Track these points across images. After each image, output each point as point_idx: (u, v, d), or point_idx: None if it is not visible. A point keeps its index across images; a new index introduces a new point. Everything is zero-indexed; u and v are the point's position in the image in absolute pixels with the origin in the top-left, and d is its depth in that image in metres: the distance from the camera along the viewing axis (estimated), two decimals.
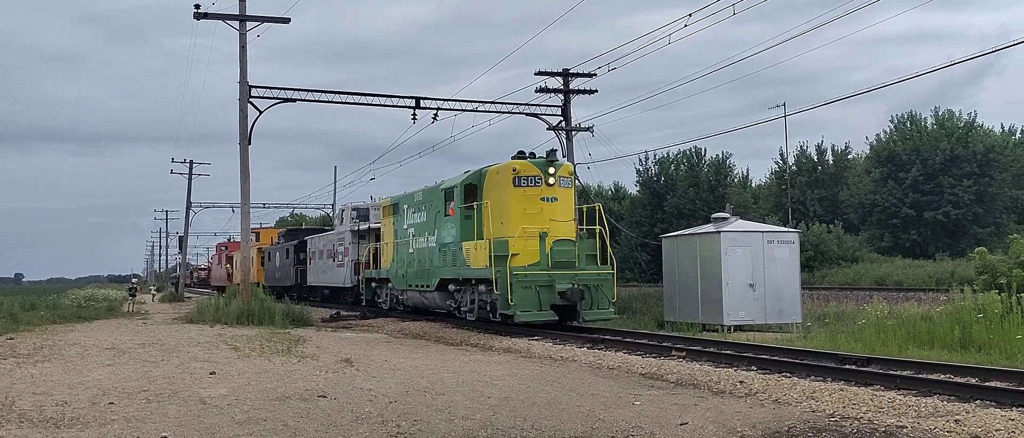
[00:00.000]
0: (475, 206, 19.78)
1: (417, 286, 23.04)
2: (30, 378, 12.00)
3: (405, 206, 24.68)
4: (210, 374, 12.23)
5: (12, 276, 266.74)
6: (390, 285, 25.88)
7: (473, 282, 19.51)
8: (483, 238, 19.00)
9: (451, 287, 20.76)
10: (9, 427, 8.41)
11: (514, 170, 18.95)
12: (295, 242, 42.02)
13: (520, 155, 19.70)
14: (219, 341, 17.66)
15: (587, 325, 18.88)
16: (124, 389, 10.82)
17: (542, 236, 18.44)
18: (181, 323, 24.49)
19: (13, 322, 23.86)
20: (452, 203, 20.76)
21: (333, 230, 36.38)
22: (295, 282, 41.14)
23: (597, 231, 19.34)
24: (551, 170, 19.09)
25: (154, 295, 58.63)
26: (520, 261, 18.17)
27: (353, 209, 33.22)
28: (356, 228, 31.78)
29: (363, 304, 29.21)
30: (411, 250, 23.75)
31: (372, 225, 30.37)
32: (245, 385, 11.11)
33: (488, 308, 18.94)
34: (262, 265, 48.41)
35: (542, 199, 18.93)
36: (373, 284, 27.87)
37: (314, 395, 10.22)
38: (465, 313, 20.38)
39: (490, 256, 18.24)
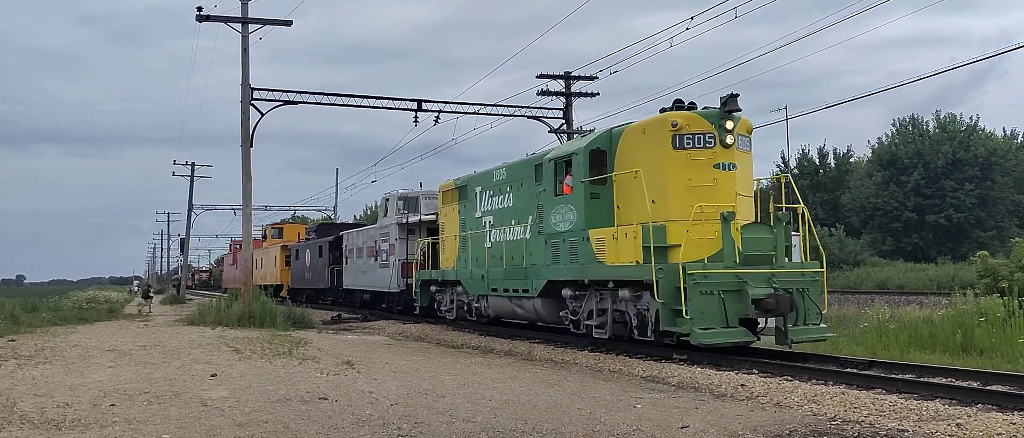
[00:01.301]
0: (608, 180, 14.80)
1: (507, 291, 18.04)
2: (31, 380, 12.01)
3: (478, 189, 19.98)
4: (211, 376, 12.24)
5: (14, 277, 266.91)
6: (458, 289, 21.06)
7: (609, 285, 14.41)
8: (623, 223, 14.10)
9: (567, 293, 15.83)
10: (11, 429, 8.41)
11: (673, 125, 13.57)
12: (329, 238, 35.36)
13: (678, 105, 14.18)
14: (220, 343, 17.67)
15: (794, 348, 13.45)
16: (125, 391, 10.82)
17: (726, 219, 12.94)
18: (182, 325, 24.49)
19: (14, 324, 23.87)
20: (566, 178, 15.73)
21: (375, 224, 30.67)
22: (330, 285, 35.16)
23: (799, 211, 13.78)
24: (729, 125, 13.58)
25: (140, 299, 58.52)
26: (687, 255, 12.74)
27: (399, 197, 27.40)
28: (404, 221, 26.03)
29: (416, 312, 24.22)
30: (488, 244, 19.22)
31: (425, 216, 25.49)
32: (246, 387, 11.11)
33: (636, 323, 13.92)
34: (287, 265, 43.24)
35: (716, 166, 13.51)
36: (432, 288, 22.78)
37: (315, 397, 10.22)
38: (591, 329, 15.17)
39: (642, 248, 13.27)
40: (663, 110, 14.26)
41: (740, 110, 13.77)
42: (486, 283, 19.04)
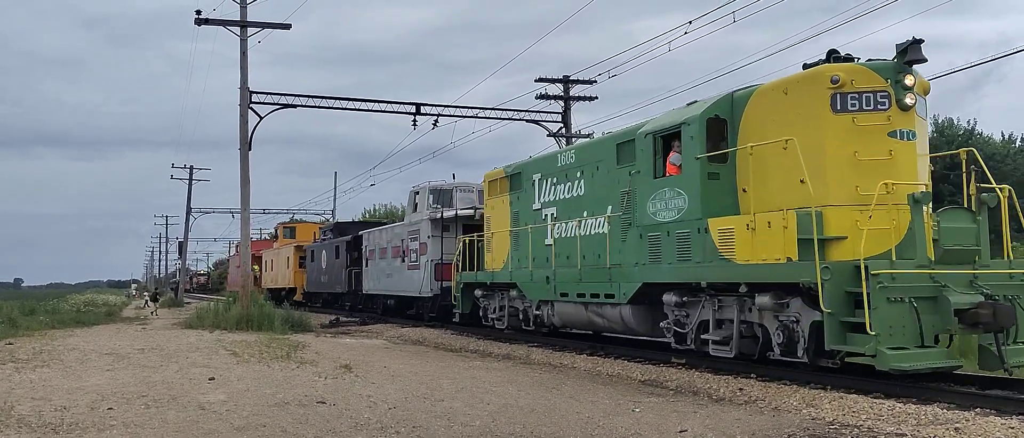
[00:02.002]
0: (730, 156, 12.05)
1: (581, 296, 15.31)
2: (29, 383, 11.99)
3: (536, 177, 17.52)
4: (209, 380, 12.22)
5: (12, 281, 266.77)
6: (511, 294, 18.55)
7: (739, 289, 11.40)
8: (755, 209, 11.18)
9: (670, 299, 12.87)
10: (8, 432, 8.40)
11: (833, 81, 10.67)
12: (347, 238, 32.86)
13: (834, 56, 11.13)
14: (218, 347, 17.65)
15: (1002, 373, 10.28)
16: (123, 394, 10.81)
17: (917, 201, 10.00)
18: (180, 328, 24.47)
19: (12, 327, 23.86)
20: (671, 155, 12.87)
21: (400, 222, 28.04)
22: (347, 289, 32.50)
23: (1006, 193, 10.64)
24: (908, 80, 10.68)
25: (148, 302, 58.52)
26: (851, 251, 10.14)
27: (431, 190, 24.54)
28: (437, 216, 23.48)
29: (456, 320, 21.34)
30: (550, 240, 16.58)
31: (462, 210, 23.14)
32: (244, 391, 11.10)
33: (781, 339, 11.04)
34: (301, 266, 40.68)
35: (892, 135, 10.62)
36: (477, 293, 20.13)
37: (313, 401, 10.21)
38: (708, 344, 12.15)
39: (796, 240, 10.40)
40: (808, 66, 11.20)
41: (925, 60, 10.62)
42: (552, 287, 16.34)
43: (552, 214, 16.84)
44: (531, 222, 17.56)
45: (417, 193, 25.33)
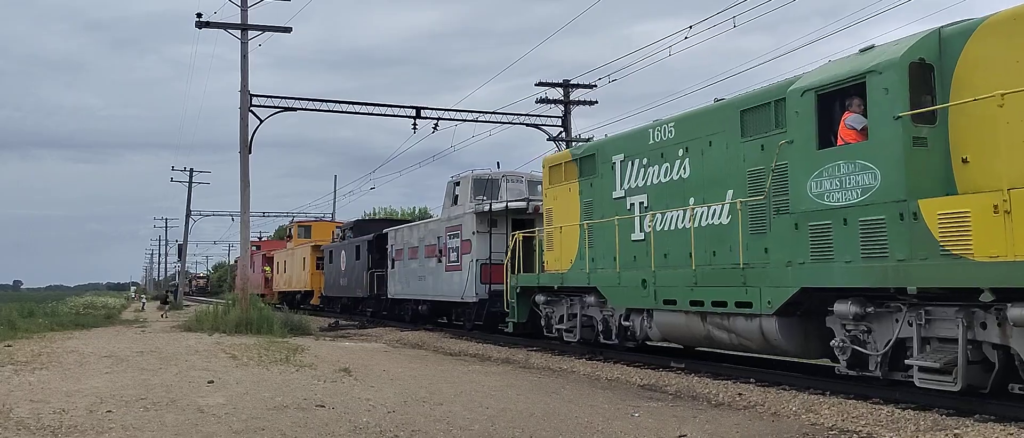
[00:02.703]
0: (939, 115, 9.37)
1: (696, 304, 12.61)
2: (28, 385, 11.98)
3: (617, 158, 14.95)
4: (208, 383, 12.21)
5: (11, 283, 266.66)
6: (588, 300, 15.72)
7: (981, 296, 8.50)
8: (984, 186, 8.75)
9: (846, 309, 10.05)
10: (7, 435, 8.39)
11: None
12: (369, 237, 30.21)
13: None
14: (217, 350, 17.63)
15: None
16: (122, 397, 10.80)
17: None
18: (179, 331, 24.45)
19: (11, 329, 23.83)
20: (846, 118, 10.03)
21: (433, 218, 25.56)
22: (369, 292, 29.83)
23: None
24: None
25: (145, 304, 58.55)
26: None
27: (475, 180, 21.65)
28: (483, 209, 20.59)
29: (507, 330, 18.67)
30: (640, 234, 14.21)
31: (514, 203, 20.40)
32: (243, 394, 11.09)
33: None
34: (318, 268, 38.32)
35: None
36: (538, 298, 17.30)
37: (312, 404, 10.20)
38: (913, 372, 9.34)
39: None
40: None
41: None
42: (650, 292, 13.64)
43: (641, 203, 14.27)
44: (611, 213, 14.92)
45: (458, 184, 22.39)
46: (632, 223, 14.48)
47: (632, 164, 14.60)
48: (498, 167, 22.70)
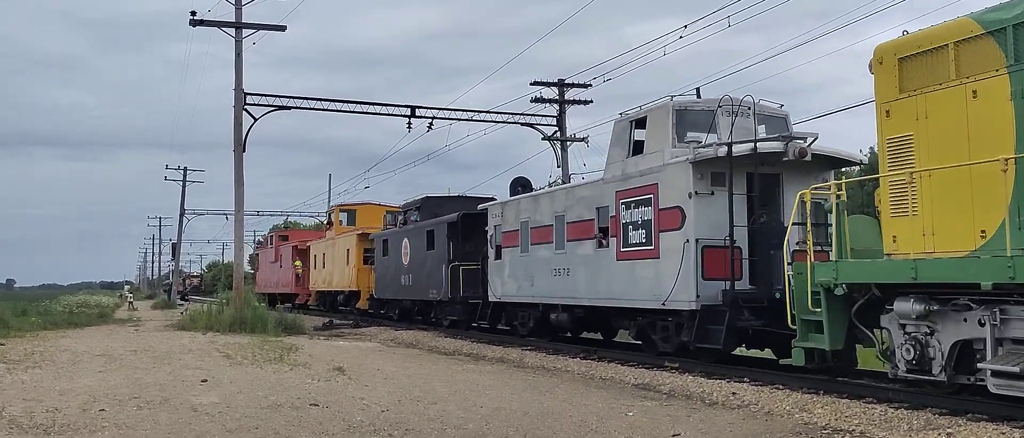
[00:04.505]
0: None
1: None
2: (21, 384, 11.95)
3: None
4: (202, 382, 12.19)
5: (4, 282, 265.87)
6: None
7: None
8: None
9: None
10: None
11: None
12: (451, 217, 22.50)
13: None
14: (211, 349, 17.61)
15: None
16: (115, 396, 10.77)
17: None
18: (173, 330, 24.41)
19: (4, 328, 23.72)
20: None
21: (583, 181, 17.67)
22: (450, 295, 22.13)
23: None
24: None
25: (132, 302, 58.34)
26: None
27: (676, 110, 13.88)
28: (711, 154, 12.97)
29: (798, 363, 10.71)
30: None
31: (765, 147, 12.92)
32: (237, 393, 11.08)
33: None
34: (366, 263, 30.65)
35: None
36: (902, 308, 9.06)
37: (306, 403, 10.19)
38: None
39: None
40: None
41: None
42: None
43: None
44: None
45: (640, 121, 14.58)
46: None
47: None
48: (697, 95, 14.62)
